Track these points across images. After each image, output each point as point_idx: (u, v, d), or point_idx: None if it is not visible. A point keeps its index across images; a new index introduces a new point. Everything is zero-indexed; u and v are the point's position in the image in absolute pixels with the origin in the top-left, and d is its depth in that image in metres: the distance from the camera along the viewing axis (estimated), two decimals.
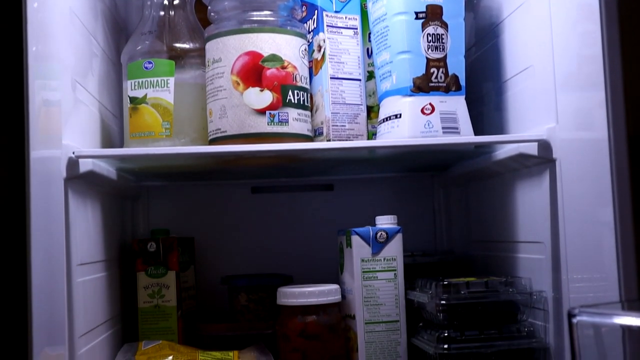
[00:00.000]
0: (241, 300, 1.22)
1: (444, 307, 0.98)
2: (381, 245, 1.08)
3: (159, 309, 1.16)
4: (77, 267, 0.92)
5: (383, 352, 1.06)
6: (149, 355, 1.02)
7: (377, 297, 1.07)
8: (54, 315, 0.81)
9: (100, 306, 1.06)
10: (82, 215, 0.96)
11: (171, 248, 1.17)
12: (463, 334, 0.96)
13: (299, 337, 1.04)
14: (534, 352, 0.98)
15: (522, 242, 1.07)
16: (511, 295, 0.99)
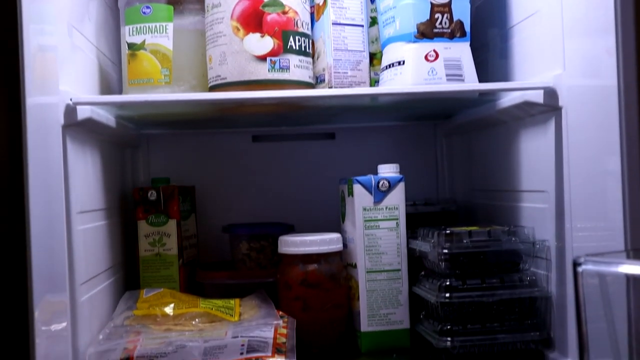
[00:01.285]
0: (242, 249, 1.22)
1: (446, 256, 0.97)
2: (383, 194, 1.07)
3: (160, 258, 1.16)
4: (77, 215, 0.91)
5: (384, 300, 1.06)
6: (151, 303, 1.02)
7: (379, 246, 1.06)
8: (55, 263, 0.81)
9: (101, 254, 1.05)
10: (81, 162, 0.95)
11: (172, 196, 1.17)
12: (465, 283, 0.96)
13: (300, 285, 1.04)
14: (536, 301, 0.98)
15: (525, 191, 1.06)
16: (514, 244, 0.98)
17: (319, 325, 1.04)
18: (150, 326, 0.96)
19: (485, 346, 0.95)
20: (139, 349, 0.90)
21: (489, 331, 0.96)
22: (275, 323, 0.97)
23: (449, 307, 0.96)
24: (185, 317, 0.98)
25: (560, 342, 0.94)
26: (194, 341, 0.91)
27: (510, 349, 0.96)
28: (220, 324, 0.97)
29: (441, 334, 0.96)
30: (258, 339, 0.92)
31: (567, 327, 0.92)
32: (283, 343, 0.93)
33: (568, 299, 0.92)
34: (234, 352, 0.89)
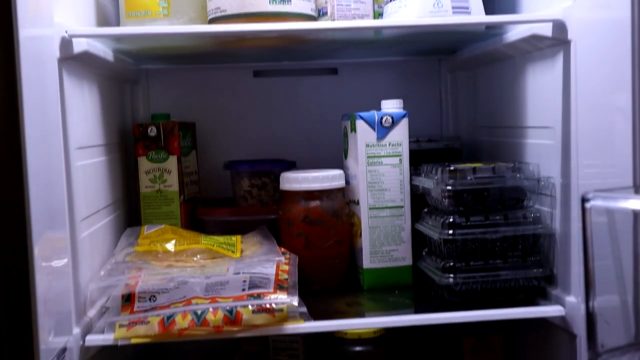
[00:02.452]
0: (244, 185, 1.21)
1: (449, 193, 0.96)
2: (386, 130, 1.05)
3: (161, 194, 1.16)
4: (76, 150, 0.90)
5: (387, 237, 1.06)
6: (152, 240, 1.01)
7: (382, 183, 1.05)
8: (53, 199, 0.80)
9: (102, 190, 1.04)
10: (78, 97, 0.93)
11: (172, 132, 1.15)
12: (468, 220, 0.95)
13: (302, 222, 1.04)
14: (539, 238, 0.97)
15: (531, 128, 1.04)
16: (518, 181, 0.97)
17: (321, 262, 1.04)
18: (151, 262, 0.96)
19: (488, 283, 0.95)
20: (140, 284, 0.90)
21: (491, 268, 0.95)
22: (277, 259, 0.96)
23: (452, 243, 0.95)
24: (186, 254, 0.98)
25: (563, 279, 0.94)
26: (196, 277, 0.91)
27: (513, 286, 0.96)
28: (222, 261, 0.97)
29: (444, 271, 0.95)
30: (260, 276, 0.91)
31: (570, 264, 0.91)
32: (285, 279, 0.93)
33: (572, 236, 0.91)
34: (235, 289, 0.89)
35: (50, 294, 0.76)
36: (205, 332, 0.86)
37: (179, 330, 0.85)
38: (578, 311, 0.90)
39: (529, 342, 1.10)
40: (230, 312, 0.86)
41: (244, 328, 0.86)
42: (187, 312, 0.86)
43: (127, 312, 0.88)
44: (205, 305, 0.87)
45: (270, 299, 0.88)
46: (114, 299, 0.90)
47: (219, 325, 0.86)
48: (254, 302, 0.87)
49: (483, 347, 1.13)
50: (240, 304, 0.87)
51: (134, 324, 0.86)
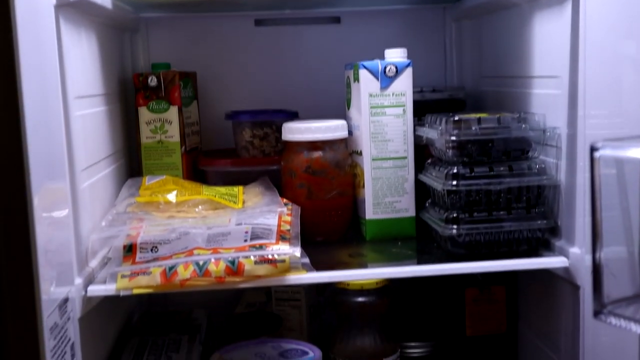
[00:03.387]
0: (245, 136, 1.19)
1: (453, 144, 0.95)
2: (390, 79, 1.03)
3: (162, 145, 1.15)
4: (75, 100, 0.88)
5: (390, 188, 1.05)
6: (153, 190, 1.00)
7: (385, 133, 1.04)
8: (53, 149, 0.79)
9: (102, 140, 1.03)
10: (76, 45, 0.91)
11: (172, 82, 1.14)
12: (472, 171, 0.94)
13: (304, 172, 1.03)
14: (544, 189, 0.96)
15: (537, 77, 1.02)
16: (523, 131, 0.96)
17: (324, 213, 1.04)
18: (152, 213, 0.95)
19: (492, 234, 0.94)
20: (142, 235, 0.89)
21: (495, 219, 0.95)
22: (280, 210, 0.96)
23: (456, 194, 0.94)
24: (188, 205, 0.97)
25: (567, 231, 0.93)
26: (197, 228, 0.90)
27: (517, 237, 0.95)
28: (224, 211, 0.96)
29: (447, 222, 0.95)
30: (262, 226, 0.91)
31: (575, 215, 0.91)
32: (287, 230, 0.92)
33: (577, 188, 0.90)
34: (237, 239, 0.89)
35: (51, 245, 0.75)
36: (207, 282, 0.85)
37: (181, 281, 0.85)
38: (582, 262, 0.89)
39: (532, 294, 1.10)
40: (232, 262, 0.85)
41: (246, 279, 0.86)
42: (189, 262, 0.86)
43: (129, 262, 0.88)
44: (207, 256, 0.86)
45: (272, 250, 0.87)
46: (115, 249, 0.89)
47: (221, 276, 0.85)
48: (256, 252, 0.87)
49: (485, 298, 1.13)
50: (242, 254, 0.86)
51: (136, 275, 0.85)
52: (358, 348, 1.10)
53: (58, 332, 0.74)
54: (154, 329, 1.13)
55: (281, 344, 1.06)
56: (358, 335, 1.10)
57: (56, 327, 0.73)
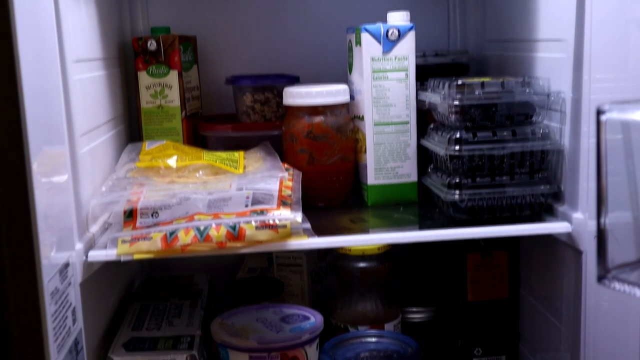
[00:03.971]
0: (246, 101, 1.18)
1: (456, 108, 0.94)
2: (392, 43, 1.02)
3: (162, 110, 1.14)
4: (73, 63, 0.87)
5: (392, 153, 1.04)
6: (153, 155, 1.00)
7: (387, 98, 1.03)
8: (51, 114, 0.78)
9: (101, 105, 1.02)
10: (74, 8, 0.90)
11: (172, 46, 1.12)
12: (475, 136, 0.93)
13: (306, 138, 1.02)
14: (548, 154, 0.95)
15: (542, 41, 1.01)
16: (527, 96, 0.95)
17: (325, 178, 1.03)
18: (153, 178, 0.94)
19: (494, 199, 0.94)
20: (142, 200, 0.89)
21: (498, 184, 0.94)
22: (281, 175, 0.95)
23: (458, 160, 0.94)
24: (188, 170, 0.96)
25: (570, 196, 0.93)
26: (198, 193, 0.90)
27: (519, 203, 0.95)
28: (225, 177, 0.96)
29: (449, 187, 0.94)
30: (263, 192, 0.90)
31: (579, 180, 0.90)
32: (288, 196, 0.91)
33: (581, 153, 0.89)
34: (238, 205, 0.88)
35: (51, 210, 0.75)
36: (208, 248, 0.85)
37: (182, 246, 0.85)
38: (585, 228, 0.89)
39: (534, 259, 1.10)
40: (233, 228, 0.85)
41: (247, 244, 0.86)
42: (190, 228, 0.85)
43: (130, 228, 0.87)
44: (208, 222, 0.86)
45: (273, 215, 0.87)
46: (115, 215, 0.89)
47: (222, 241, 0.85)
48: (257, 218, 0.86)
49: (487, 263, 1.13)
50: (244, 220, 0.86)
51: (137, 240, 0.85)
52: (359, 313, 1.10)
53: (59, 297, 0.74)
54: (155, 294, 1.13)
55: (282, 309, 1.06)
56: (359, 301, 1.10)
57: (57, 292, 0.73)
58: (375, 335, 1.06)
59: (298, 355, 0.96)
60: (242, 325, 1.00)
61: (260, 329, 0.99)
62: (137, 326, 1.00)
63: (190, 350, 0.92)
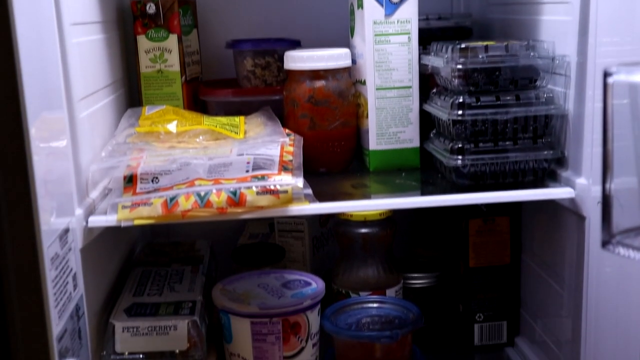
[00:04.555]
0: (247, 65, 1.17)
1: (459, 72, 0.93)
2: (395, 6, 1.00)
3: (162, 74, 1.12)
4: (71, 27, 0.86)
5: (394, 118, 1.03)
6: (153, 121, 0.99)
7: (390, 62, 1.02)
8: (49, 78, 0.77)
9: (100, 69, 1.01)
10: None
11: (171, 10, 1.11)
12: (478, 100, 0.92)
13: (307, 102, 1.01)
14: (551, 119, 0.94)
15: (546, 3, 0.99)
16: (532, 59, 0.93)
17: (326, 144, 1.02)
18: (153, 144, 0.94)
19: (497, 165, 0.93)
20: (142, 166, 0.88)
21: (501, 150, 0.93)
22: (282, 141, 0.94)
23: (461, 124, 0.93)
24: (188, 135, 0.95)
25: (574, 161, 0.92)
26: (199, 159, 0.89)
27: (522, 168, 0.94)
28: (225, 142, 0.95)
29: (452, 152, 0.93)
30: (264, 157, 0.90)
31: (582, 145, 0.89)
32: (289, 161, 0.91)
33: (585, 117, 0.88)
34: (239, 170, 0.88)
35: (51, 175, 0.74)
36: (208, 213, 0.84)
37: (183, 212, 0.84)
38: (588, 193, 0.88)
39: (536, 225, 1.09)
40: (234, 193, 0.84)
41: (248, 209, 0.85)
42: (190, 193, 0.85)
43: (130, 193, 0.87)
44: (209, 187, 0.85)
45: (274, 181, 0.86)
46: (115, 180, 0.88)
47: (222, 207, 0.84)
48: (258, 183, 0.86)
49: (489, 229, 1.12)
50: (244, 185, 0.85)
51: (137, 206, 0.85)
52: (361, 279, 1.10)
53: (59, 263, 0.73)
54: (156, 259, 1.13)
55: (284, 275, 1.06)
56: (361, 267, 1.10)
57: (57, 257, 0.73)
58: (376, 301, 1.06)
59: (299, 321, 0.96)
60: (243, 291, 1.00)
61: (261, 295, 0.99)
62: (139, 292, 1.00)
63: (192, 316, 0.92)
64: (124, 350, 0.90)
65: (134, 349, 0.91)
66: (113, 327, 0.91)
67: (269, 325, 0.95)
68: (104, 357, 0.90)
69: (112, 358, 0.90)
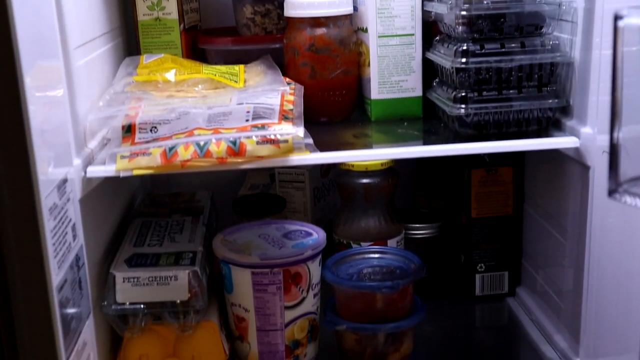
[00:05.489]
0: (246, 12, 1.14)
1: (463, 19, 0.91)
2: None
3: (160, 22, 1.10)
4: None
5: (396, 67, 1.01)
6: (151, 69, 0.97)
7: (392, 9, 1.00)
8: (43, 25, 0.75)
9: (96, 17, 0.99)
10: None
11: None
12: (483, 48, 0.90)
13: (307, 51, 0.99)
14: (557, 67, 0.93)
15: None
16: (538, 5, 0.91)
17: (327, 93, 1.01)
18: (151, 93, 0.92)
19: (501, 114, 0.92)
20: (140, 115, 0.87)
21: (505, 98, 0.92)
22: (282, 89, 0.93)
23: (465, 72, 0.91)
24: (187, 84, 0.94)
25: (579, 110, 0.90)
26: (198, 108, 0.88)
27: (527, 117, 0.92)
28: (225, 91, 0.93)
29: (455, 101, 0.92)
30: (264, 106, 0.88)
31: (588, 94, 0.88)
32: (290, 110, 0.89)
33: (592, 65, 0.87)
34: (239, 119, 0.86)
35: (47, 125, 0.73)
36: (208, 163, 0.83)
37: (182, 162, 0.83)
38: (593, 142, 0.87)
39: (539, 175, 1.09)
40: (233, 143, 0.83)
41: (248, 159, 0.84)
42: (190, 143, 0.83)
43: (128, 143, 0.85)
44: (208, 137, 0.84)
45: (274, 130, 0.85)
46: (114, 130, 0.87)
47: (222, 157, 0.83)
48: (258, 132, 0.84)
49: (492, 179, 1.12)
50: (244, 135, 0.84)
51: (136, 155, 0.83)
52: (362, 229, 1.10)
53: (58, 213, 0.73)
54: (157, 210, 1.12)
55: (285, 225, 1.05)
56: (362, 217, 1.10)
57: (55, 207, 0.72)
58: (378, 252, 1.06)
59: (300, 271, 0.96)
60: (244, 241, 1.00)
61: (262, 246, 0.99)
62: (139, 242, 0.99)
63: (193, 266, 0.92)
64: (124, 301, 0.90)
65: (134, 299, 0.90)
66: (114, 278, 0.91)
67: (270, 276, 0.94)
68: (105, 308, 0.90)
69: (113, 308, 0.90)
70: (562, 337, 1.01)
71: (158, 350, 0.93)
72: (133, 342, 0.93)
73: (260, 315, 0.96)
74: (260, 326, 0.96)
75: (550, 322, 1.05)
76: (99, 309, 0.89)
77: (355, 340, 0.98)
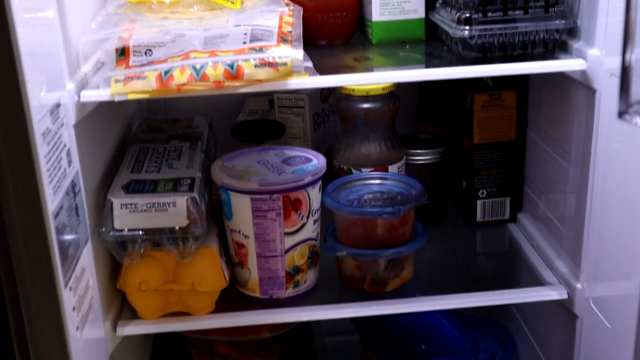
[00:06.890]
0: None
1: None
2: None
3: None
4: None
5: None
6: None
7: None
8: None
9: None
10: None
11: None
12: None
13: None
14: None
15: None
16: None
17: (327, 14, 0.98)
18: (145, 14, 0.89)
19: (506, 35, 0.89)
20: (134, 38, 0.84)
21: (510, 19, 0.89)
22: (280, 11, 0.90)
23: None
24: (182, 5, 0.91)
25: (587, 32, 0.88)
26: (193, 30, 0.85)
27: (532, 39, 0.90)
28: (221, 12, 0.90)
29: (459, 23, 0.89)
30: (262, 28, 0.85)
31: (597, 15, 0.85)
32: (289, 32, 0.87)
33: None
34: (236, 42, 0.84)
35: (38, 48, 0.71)
36: (205, 87, 0.81)
37: (178, 86, 0.81)
38: (600, 65, 0.85)
39: (543, 99, 1.06)
40: (231, 66, 0.81)
41: (246, 83, 0.82)
42: (186, 66, 0.81)
43: (123, 67, 0.83)
44: (205, 60, 0.81)
45: (273, 52, 0.82)
46: (107, 53, 0.85)
47: (219, 80, 0.81)
48: (256, 55, 0.82)
49: (495, 103, 1.10)
50: (242, 57, 0.82)
51: (130, 79, 0.81)
52: (363, 155, 1.08)
53: (51, 138, 0.71)
54: (154, 136, 1.11)
55: (284, 151, 1.04)
56: (363, 143, 1.08)
57: (49, 132, 0.70)
58: (378, 177, 1.05)
59: (300, 197, 0.95)
60: (243, 167, 0.99)
61: (261, 171, 0.97)
62: (136, 169, 0.98)
63: (191, 192, 0.91)
64: (123, 227, 0.89)
65: (133, 225, 0.90)
66: (111, 204, 0.90)
67: (269, 202, 0.93)
68: (103, 234, 0.89)
69: (112, 235, 0.89)
70: (563, 262, 1.01)
71: (157, 276, 0.93)
72: (132, 268, 0.93)
73: (260, 242, 0.95)
74: (260, 252, 0.96)
75: (552, 247, 1.05)
76: (97, 235, 0.89)
77: (356, 266, 0.98)
